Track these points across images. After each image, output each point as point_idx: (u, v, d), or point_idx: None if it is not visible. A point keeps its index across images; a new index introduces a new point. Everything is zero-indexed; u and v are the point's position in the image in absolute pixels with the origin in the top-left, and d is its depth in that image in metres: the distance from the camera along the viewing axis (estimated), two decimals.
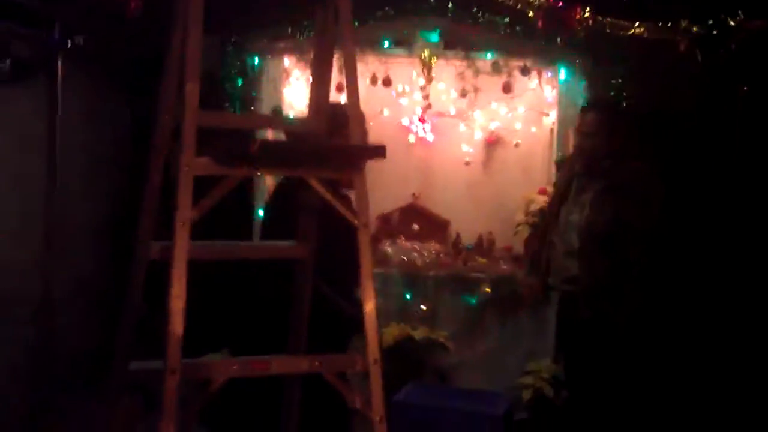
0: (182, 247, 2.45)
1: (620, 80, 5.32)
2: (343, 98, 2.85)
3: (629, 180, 4.34)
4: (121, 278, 2.93)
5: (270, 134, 4.44)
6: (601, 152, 4.35)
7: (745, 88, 5.22)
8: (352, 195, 2.70)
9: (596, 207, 4.32)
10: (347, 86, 2.69)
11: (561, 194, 4.58)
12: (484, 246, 5.94)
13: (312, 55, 3.04)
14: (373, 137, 5.90)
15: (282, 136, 3.42)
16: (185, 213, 2.45)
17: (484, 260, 5.76)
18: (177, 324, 2.43)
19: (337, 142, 3.30)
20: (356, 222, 2.61)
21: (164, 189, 2.69)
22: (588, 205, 4.36)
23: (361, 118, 2.77)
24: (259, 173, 2.57)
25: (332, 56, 2.87)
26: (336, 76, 5.27)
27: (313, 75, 2.97)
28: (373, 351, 2.58)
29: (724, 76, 5.30)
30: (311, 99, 2.90)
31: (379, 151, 2.58)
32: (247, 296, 3.64)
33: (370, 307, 2.64)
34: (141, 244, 2.83)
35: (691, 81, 5.31)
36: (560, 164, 5.50)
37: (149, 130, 2.75)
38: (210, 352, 4.33)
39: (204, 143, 2.54)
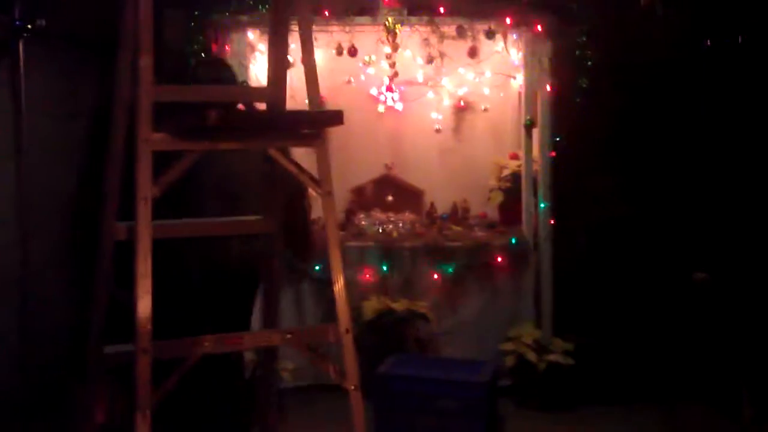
0: (145, 226, 2.42)
1: (584, 38, 5.28)
2: None
3: None
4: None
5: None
6: None
7: (708, 42, 5.21)
8: None
9: None
10: (303, 52, 2.65)
11: None
12: (458, 214, 5.92)
13: (269, 25, 2.98)
14: (342, 108, 5.86)
15: None
16: (146, 190, 2.42)
17: (459, 228, 5.74)
18: (144, 303, 2.39)
19: None
20: (319, 190, 2.58)
21: None
22: None
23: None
24: (219, 147, 2.49)
25: (288, 24, 2.82)
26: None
27: (270, 44, 2.93)
28: (344, 321, 2.56)
29: (687, 30, 5.29)
30: (269, 68, 2.86)
31: (337, 117, 2.54)
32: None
33: (339, 282, 2.62)
34: (106, 225, 2.79)
35: (654, 36, 5.29)
36: (529, 127, 5.49)
37: None
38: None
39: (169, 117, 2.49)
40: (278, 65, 2.87)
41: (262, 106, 2.94)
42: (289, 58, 5.25)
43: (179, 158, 2.48)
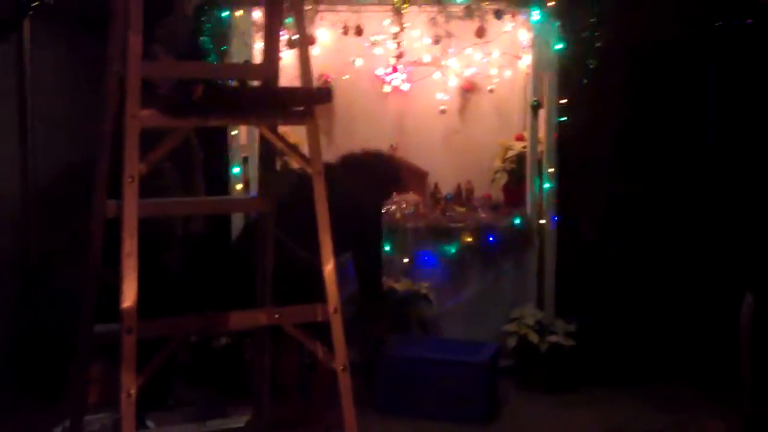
0: (132, 204, 2.40)
1: (593, 19, 5.20)
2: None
3: None
4: None
5: None
6: None
7: (719, 23, 5.14)
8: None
9: None
10: (298, 34, 2.61)
11: None
12: (462, 195, 5.89)
13: (264, 3, 2.94)
14: (348, 88, 5.89)
15: None
16: (133, 167, 2.40)
17: (463, 209, 5.71)
18: (130, 282, 2.38)
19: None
20: (309, 170, 2.55)
21: None
22: None
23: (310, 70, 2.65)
24: (208, 123, 2.47)
25: (282, 2, 2.79)
26: (307, 28, 5.26)
27: (265, 23, 2.90)
28: (333, 301, 2.55)
29: (697, 11, 5.22)
30: (264, 46, 2.84)
31: (325, 95, 2.51)
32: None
33: (329, 264, 2.60)
34: (96, 202, 2.78)
35: (663, 17, 5.22)
36: (535, 108, 5.43)
37: None
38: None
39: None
40: (272, 43, 2.84)
41: None
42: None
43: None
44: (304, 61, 2.65)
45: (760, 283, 3.76)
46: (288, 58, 4.45)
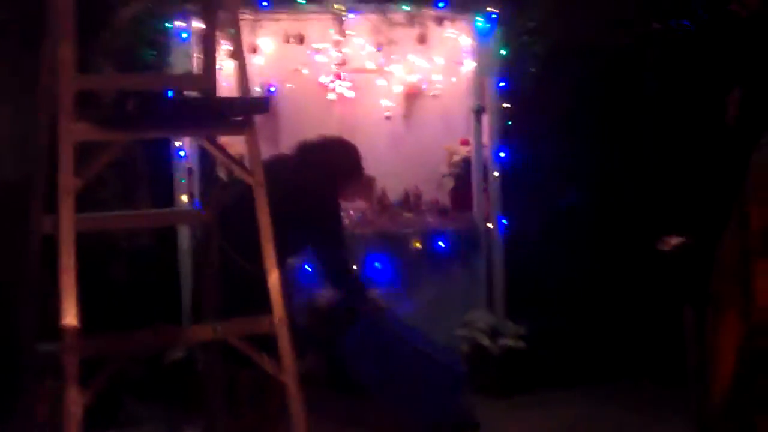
0: (68, 218, 2.36)
1: (534, 24, 5.26)
2: None
3: None
4: None
5: None
6: None
7: (659, 26, 5.23)
8: None
9: None
10: (233, 45, 2.60)
11: None
12: (410, 201, 5.88)
13: (202, 13, 2.92)
14: (292, 97, 5.86)
15: None
16: (68, 182, 2.35)
17: (410, 215, 5.72)
18: (69, 299, 2.33)
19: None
20: (251, 180, 2.53)
21: None
22: None
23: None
24: (146, 136, 2.43)
25: (217, 11, 2.76)
26: (248, 37, 5.25)
27: (203, 33, 2.87)
28: (278, 312, 2.52)
29: (636, 14, 5.30)
30: (203, 56, 2.81)
31: (264, 104, 2.49)
32: None
33: (273, 275, 2.58)
34: (33, 218, 2.72)
35: (602, 21, 5.29)
36: (478, 113, 5.46)
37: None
38: None
39: None
40: (210, 53, 2.82)
41: None
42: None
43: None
44: (242, 70, 2.63)
45: (697, 297, 3.84)
46: (232, 67, 4.42)
